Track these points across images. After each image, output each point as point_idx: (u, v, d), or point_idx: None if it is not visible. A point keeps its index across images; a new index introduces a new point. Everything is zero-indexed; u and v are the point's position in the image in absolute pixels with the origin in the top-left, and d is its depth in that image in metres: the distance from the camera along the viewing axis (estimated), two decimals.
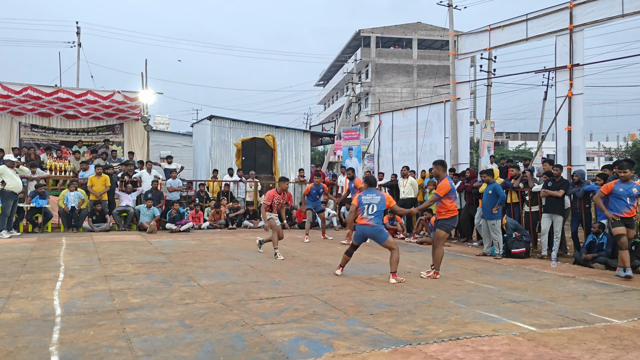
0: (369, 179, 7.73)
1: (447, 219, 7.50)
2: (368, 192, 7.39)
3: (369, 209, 7.20)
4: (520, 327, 4.88)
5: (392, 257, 7.10)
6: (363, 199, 7.28)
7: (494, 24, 15.21)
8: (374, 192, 7.38)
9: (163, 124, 55.57)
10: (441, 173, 7.68)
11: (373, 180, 7.72)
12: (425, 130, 18.27)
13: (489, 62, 28.42)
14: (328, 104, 64.74)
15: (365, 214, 7.20)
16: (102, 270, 7.48)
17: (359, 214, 7.25)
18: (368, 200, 7.25)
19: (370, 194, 7.33)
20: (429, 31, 49.74)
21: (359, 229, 7.24)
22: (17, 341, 4.21)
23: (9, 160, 11.56)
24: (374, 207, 7.21)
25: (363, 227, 7.21)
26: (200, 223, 13.86)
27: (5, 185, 11.01)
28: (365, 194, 7.35)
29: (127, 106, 16.43)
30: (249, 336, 4.44)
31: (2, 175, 11.04)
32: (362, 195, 7.36)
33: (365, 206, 7.22)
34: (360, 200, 7.29)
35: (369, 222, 7.18)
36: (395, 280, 6.97)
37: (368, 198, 7.27)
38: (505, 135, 62.82)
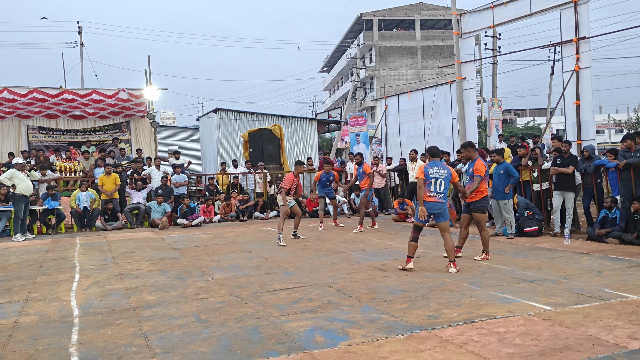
0: (431, 149, 7.00)
1: (479, 201, 7.38)
2: (433, 163, 6.76)
3: (437, 184, 6.62)
4: (536, 307, 4.88)
5: (447, 245, 6.72)
6: (430, 171, 6.66)
7: (497, 0, 15.00)
8: (440, 165, 6.74)
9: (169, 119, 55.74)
10: (473, 154, 7.53)
11: (436, 150, 6.99)
12: (432, 112, 18.15)
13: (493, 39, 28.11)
14: (333, 90, 64.49)
15: (432, 189, 6.62)
16: (116, 268, 7.55)
17: (426, 188, 6.64)
18: (435, 173, 6.65)
19: (437, 167, 6.69)
20: (431, 11, 49.20)
21: (428, 206, 6.64)
22: (37, 344, 4.28)
23: (18, 163, 11.64)
24: (442, 183, 6.65)
25: (432, 204, 6.63)
26: (212, 217, 13.93)
27: (16, 189, 11.11)
28: (431, 165, 6.72)
29: (132, 104, 16.45)
30: (265, 328, 4.47)
31: (13, 179, 11.13)
32: (427, 166, 6.71)
33: (432, 180, 6.62)
34: (427, 173, 6.65)
35: (439, 199, 6.66)
36: (455, 269, 6.59)
37: (435, 171, 6.66)
38: (513, 112, 62.32)
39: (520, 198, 10.08)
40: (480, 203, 7.44)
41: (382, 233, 10.61)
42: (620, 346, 3.80)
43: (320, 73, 70.15)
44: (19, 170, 11.35)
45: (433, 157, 6.87)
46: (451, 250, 6.74)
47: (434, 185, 6.64)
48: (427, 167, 6.72)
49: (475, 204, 7.45)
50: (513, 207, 9.65)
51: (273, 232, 10.98)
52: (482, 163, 7.43)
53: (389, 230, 11.03)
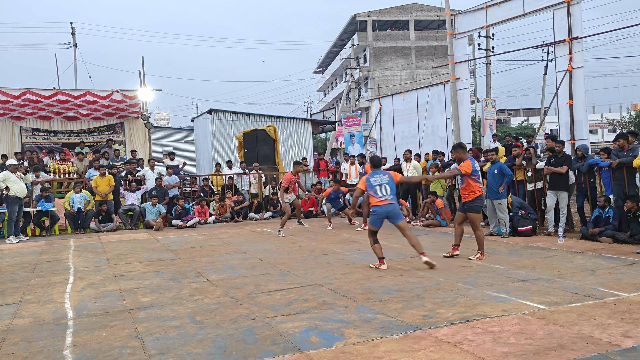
0: (374, 159, 7.51)
1: (473, 200, 7.46)
2: (374, 173, 7.24)
3: (382, 189, 7.05)
4: (530, 306, 4.90)
5: (412, 240, 7.03)
6: (372, 180, 7.12)
7: (490, 1, 15.08)
8: (380, 173, 7.25)
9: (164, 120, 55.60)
10: (462, 155, 7.59)
11: (378, 160, 7.53)
12: (426, 112, 18.22)
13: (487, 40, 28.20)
14: (328, 90, 64.51)
15: (380, 194, 7.04)
16: (111, 270, 7.53)
17: (373, 196, 7.08)
18: (377, 181, 7.11)
19: (378, 175, 7.19)
20: (425, 11, 49.31)
21: (381, 210, 7.04)
22: (32, 346, 4.26)
23: (12, 164, 11.58)
24: (386, 187, 7.07)
25: (384, 207, 7.02)
26: (206, 218, 13.91)
27: (10, 191, 11.05)
28: (372, 175, 7.19)
29: (126, 105, 16.39)
30: (260, 329, 4.47)
31: (6, 181, 11.08)
32: (369, 177, 7.18)
33: (376, 187, 7.06)
34: (369, 183, 7.12)
35: (390, 201, 7.03)
36: (427, 258, 6.83)
37: (377, 179, 7.13)
38: (507, 112, 62.50)
39: (515, 197, 10.12)
40: (474, 203, 7.48)
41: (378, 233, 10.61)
42: (614, 344, 3.82)
43: (315, 73, 70.21)
44: (12, 172, 11.30)
45: (374, 167, 7.32)
46: (417, 244, 7.01)
47: (380, 191, 7.05)
48: (369, 177, 7.19)
49: (470, 203, 7.49)
50: (507, 207, 9.69)
51: (268, 232, 11.00)
52: (469, 163, 7.43)
53: (383, 230, 10.96)
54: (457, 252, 7.66)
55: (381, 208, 7.04)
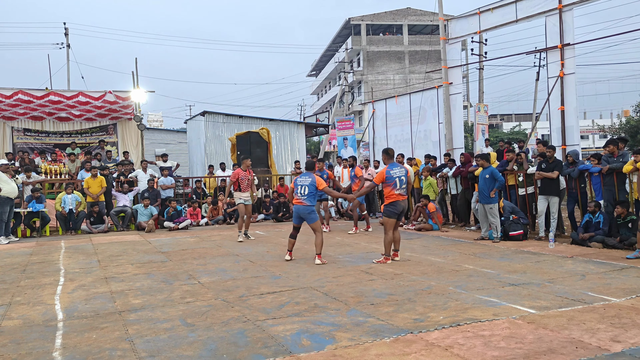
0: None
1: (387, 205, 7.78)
2: (394, 165, 7.78)
3: (401, 183, 7.62)
4: (520, 310, 4.92)
5: (317, 240, 7.73)
6: (392, 172, 7.65)
7: (484, 6, 15.18)
8: (399, 166, 7.86)
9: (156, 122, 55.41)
10: (385, 161, 8.03)
11: (311, 164, 8.24)
12: (419, 116, 18.29)
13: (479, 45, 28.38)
14: (321, 94, 64.58)
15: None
16: (102, 272, 7.49)
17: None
18: (397, 173, 7.65)
19: (397, 167, 7.75)
20: (419, 16, 49.51)
21: (400, 205, 7.64)
22: (21, 348, 4.23)
23: (3, 164, 11.49)
24: (403, 180, 7.66)
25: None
26: (198, 220, 13.87)
27: (1, 191, 10.97)
28: (392, 167, 7.71)
29: (119, 106, 16.33)
30: (251, 332, 4.46)
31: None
32: (389, 169, 7.69)
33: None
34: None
35: (303, 201, 7.74)
36: (320, 261, 7.57)
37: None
38: (499, 117, 62.85)
39: (506, 202, 10.18)
40: (387, 208, 7.76)
41: (369, 237, 10.64)
42: (602, 349, 3.85)
43: (309, 77, 70.26)
44: (3, 172, 11.21)
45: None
46: (320, 244, 7.73)
47: (299, 191, 7.78)
48: (298, 178, 7.97)
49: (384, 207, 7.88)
50: (499, 211, 9.74)
51: (260, 235, 10.99)
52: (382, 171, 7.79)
53: (375, 233, 11.06)
54: (397, 258, 7.85)
55: (298, 207, 7.80)
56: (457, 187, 12.10)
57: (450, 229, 11.78)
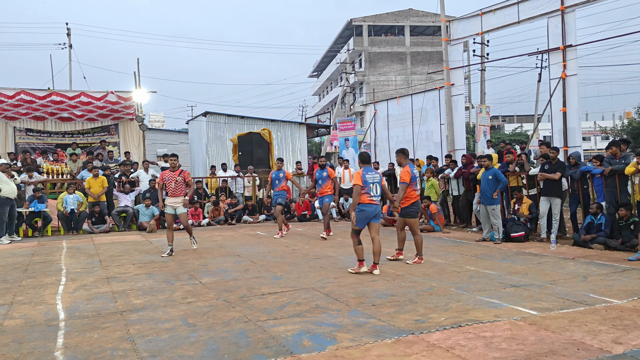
0: (363, 155, 7.30)
1: (408, 206, 7.65)
2: (368, 170, 7.06)
3: (375, 188, 6.97)
4: (522, 311, 4.92)
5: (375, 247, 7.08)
6: (367, 177, 6.95)
7: (486, 8, 15.17)
8: (373, 170, 7.11)
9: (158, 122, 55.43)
10: (402, 161, 7.76)
11: (367, 156, 7.30)
12: (420, 117, 18.27)
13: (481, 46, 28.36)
14: (323, 94, 64.60)
15: (373, 193, 6.95)
16: (103, 272, 7.49)
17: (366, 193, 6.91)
18: (371, 179, 6.97)
19: (371, 172, 7.03)
20: (421, 17, 49.53)
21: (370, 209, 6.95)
22: (22, 347, 4.23)
23: (4, 164, 11.50)
24: (377, 187, 7.00)
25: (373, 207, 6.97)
26: (200, 220, 13.88)
27: (1, 192, 10.97)
28: (367, 172, 7.01)
29: (121, 106, 16.36)
30: (253, 332, 4.46)
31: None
32: (364, 173, 6.97)
33: (371, 185, 6.94)
34: (365, 179, 6.92)
35: (378, 202, 7.03)
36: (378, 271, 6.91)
37: (371, 177, 6.98)
38: (501, 118, 62.80)
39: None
40: (410, 209, 7.66)
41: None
42: (604, 350, 3.84)
43: (310, 78, 70.28)
44: (3, 172, 11.21)
45: (364, 164, 7.14)
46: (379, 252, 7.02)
47: (374, 190, 6.97)
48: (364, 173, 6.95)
49: (406, 209, 7.67)
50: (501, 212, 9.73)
51: (262, 236, 10.98)
52: (407, 170, 7.51)
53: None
54: (401, 257, 7.89)
55: (370, 207, 6.96)
56: (459, 189, 12.09)
57: (451, 230, 11.77)
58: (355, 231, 7.08)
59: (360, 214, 6.95)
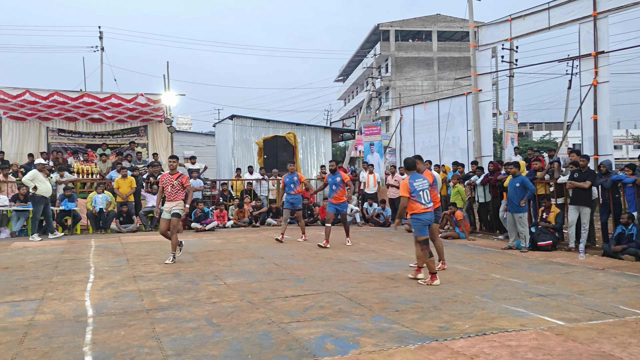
0: (408, 161, 6.97)
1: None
2: (416, 177, 6.81)
3: (425, 195, 6.70)
4: (549, 321, 4.84)
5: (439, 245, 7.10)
6: (415, 184, 6.70)
7: (515, 13, 15.01)
8: (420, 177, 6.83)
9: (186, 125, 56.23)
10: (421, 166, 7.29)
11: (412, 162, 6.94)
12: (447, 123, 18.15)
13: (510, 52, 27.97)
14: (348, 99, 64.63)
15: (424, 201, 6.70)
16: (130, 270, 7.62)
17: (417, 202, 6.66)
18: (420, 185, 6.72)
19: (419, 179, 6.77)
20: (449, 23, 49.23)
21: (425, 217, 6.69)
22: (52, 342, 4.34)
23: (40, 164, 11.83)
24: (427, 193, 6.73)
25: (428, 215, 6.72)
26: (225, 222, 14.00)
27: (37, 190, 11.27)
28: (414, 179, 6.76)
29: (150, 108, 16.63)
30: (276, 334, 4.49)
31: (34, 180, 11.31)
32: (412, 181, 6.72)
33: (420, 192, 6.68)
34: (413, 187, 6.68)
35: (431, 208, 6.78)
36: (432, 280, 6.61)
37: (419, 183, 6.74)
38: (529, 125, 61.86)
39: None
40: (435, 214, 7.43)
41: (395, 243, 10.58)
42: None
43: (336, 82, 70.41)
44: (39, 171, 11.53)
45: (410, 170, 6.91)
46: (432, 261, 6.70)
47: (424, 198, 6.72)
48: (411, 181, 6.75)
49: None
50: (528, 221, 9.58)
51: (285, 239, 11.01)
52: (405, 183, 6.88)
53: (401, 240, 11.00)
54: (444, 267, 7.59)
55: (425, 215, 6.69)
56: (485, 196, 11.95)
57: (477, 237, 11.64)
58: (422, 242, 6.71)
59: (417, 222, 6.70)
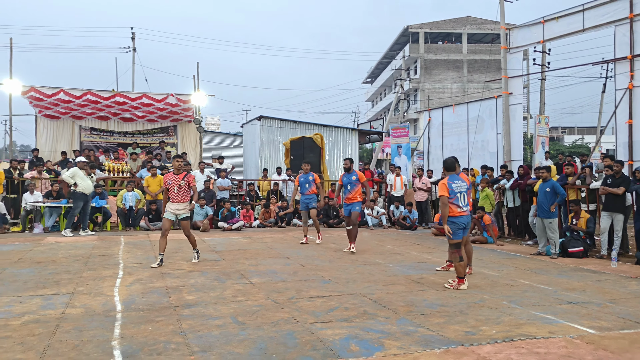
0: (447, 162, 6.75)
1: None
2: (454, 178, 6.59)
3: (463, 198, 6.51)
4: (578, 329, 4.73)
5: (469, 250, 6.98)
6: (454, 186, 6.49)
7: (548, 15, 14.75)
8: (459, 178, 6.60)
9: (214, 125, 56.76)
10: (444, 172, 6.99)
11: (452, 163, 6.71)
12: (476, 126, 17.93)
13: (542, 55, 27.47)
14: (376, 101, 64.42)
15: (462, 204, 6.51)
16: (158, 267, 7.73)
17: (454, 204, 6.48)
18: (459, 187, 6.52)
19: (458, 181, 6.55)
20: (479, 25, 48.65)
21: (461, 221, 6.53)
22: (83, 335, 4.44)
23: (81, 161, 12.15)
24: (465, 196, 6.53)
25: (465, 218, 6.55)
26: (251, 222, 14.11)
27: (77, 187, 11.57)
28: (453, 180, 6.55)
29: (180, 108, 16.89)
30: (300, 334, 4.50)
31: (75, 177, 11.61)
32: (450, 182, 6.51)
33: (458, 195, 6.48)
34: (451, 189, 6.48)
35: (468, 212, 6.57)
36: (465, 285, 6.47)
37: (458, 185, 6.52)
38: (560, 129, 60.60)
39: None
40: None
41: (421, 247, 10.50)
42: None
43: (364, 84, 70.25)
44: (81, 169, 11.82)
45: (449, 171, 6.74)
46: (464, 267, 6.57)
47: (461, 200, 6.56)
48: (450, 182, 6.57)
49: None
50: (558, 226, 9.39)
51: (311, 239, 11.02)
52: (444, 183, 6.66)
53: (428, 243, 10.91)
54: (452, 269, 7.41)
55: (461, 219, 6.53)
56: (515, 200, 11.76)
57: (505, 242, 11.46)
58: (454, 245, 6.53)
59: (452, 225, 6.53)
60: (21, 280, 6.71)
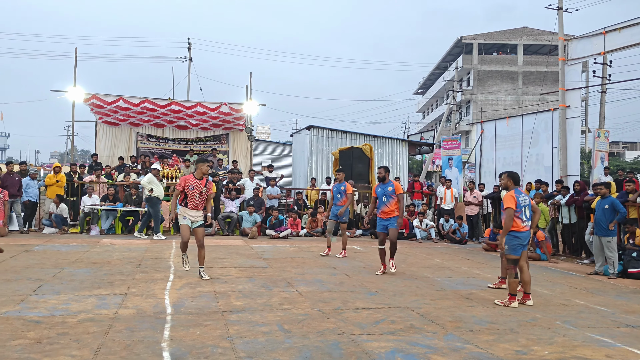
0: (514, 176, 6.63)
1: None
2: (519, 192, 6.50)
3: (526, 212, 6.39)
4: (638, 354, 4.49)
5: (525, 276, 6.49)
6: (520, 199, 6.37)
7: (610, 26, 14.20)
8: (523, 193, 6.51)
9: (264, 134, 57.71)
10: (510, 185, 6.67)
11: (518, 177, 6.66)
12: (531, 139, 17.41)
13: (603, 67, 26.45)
14: (427, 112, 63.72)
15: (525, 218, 6.38)
16: (207, 272, 7.88)
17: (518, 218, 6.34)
18: (523, 201, 6.39)
19: (522, 195, 6.45)
20: (536, 36, 47.43)
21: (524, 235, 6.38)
22: (134, 335, 4.58)
23: (155, 168, 12.69)
24: (527, 210, 6.40)
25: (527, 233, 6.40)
26: (298, 230, 14.19)
27: (153, 192, 12.08)
28: (519, 193, 6.45)
29: (232, 117, 17.25)
30: (346, 345, 4.48)
31: (151, 183, 12.12)
32: (517, 195, 6.39)
33: (524, 208, 6.37)
34: (518, 202, 6.35)
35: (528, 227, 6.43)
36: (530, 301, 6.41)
37: (523, 199, 6.41)
38: (621, 144, 58.06)
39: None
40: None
41: (471, 262, 10.26)
42: None
43: (415, 95, 69.68)
44: (155, 175, 12.33)
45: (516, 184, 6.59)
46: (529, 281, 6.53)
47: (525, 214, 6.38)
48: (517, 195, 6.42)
49: None
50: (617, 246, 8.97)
51: (357, 250, 10.99)
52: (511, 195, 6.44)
53: (478, 259, 10.65)
54: (504, 285, 7.23)
55: (523, 234, 6.36)
56: (570, 217, 11.33)
57: (559, 260, 11.04)
58: (512, 261, 6.37)
59: (514, 240, 6.35)
60: (78, 279, 6.99)
